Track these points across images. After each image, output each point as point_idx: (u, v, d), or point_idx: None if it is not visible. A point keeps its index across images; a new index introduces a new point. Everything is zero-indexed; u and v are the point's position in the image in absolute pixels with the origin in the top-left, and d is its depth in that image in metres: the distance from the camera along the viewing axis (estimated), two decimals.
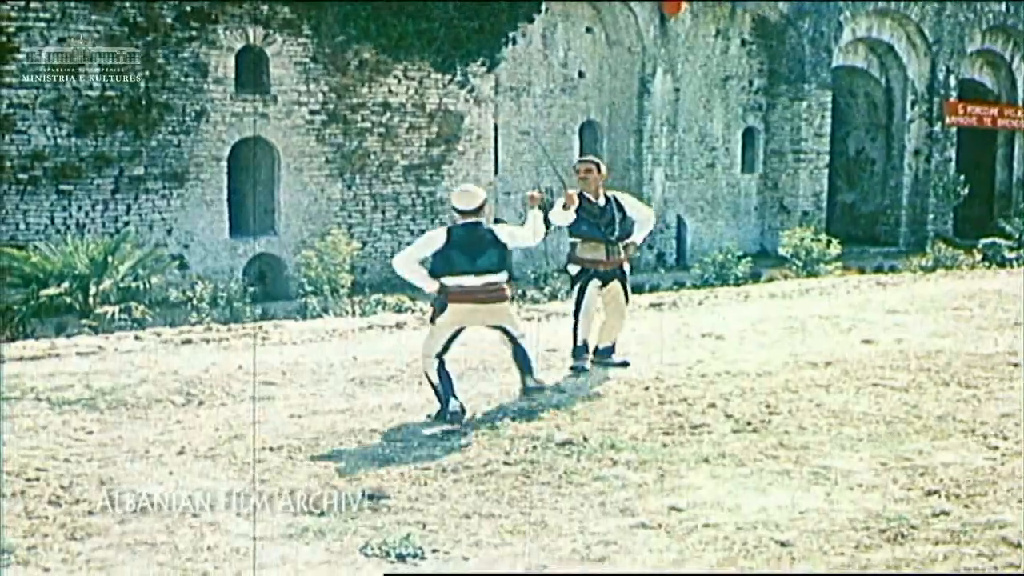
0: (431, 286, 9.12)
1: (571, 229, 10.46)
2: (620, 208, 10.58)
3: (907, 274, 21.46)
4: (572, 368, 10.60)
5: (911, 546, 6.10)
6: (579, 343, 10.70)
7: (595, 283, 10.58)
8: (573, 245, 10.63)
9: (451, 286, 9.00)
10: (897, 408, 9.10)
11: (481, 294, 9.05)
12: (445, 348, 9.05)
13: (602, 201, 10.56)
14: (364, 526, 6.42)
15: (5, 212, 20.25)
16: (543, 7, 26.54)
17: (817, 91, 31.33)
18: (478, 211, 9.19)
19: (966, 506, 6.75)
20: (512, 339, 9.34)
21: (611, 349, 10.88)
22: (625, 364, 10.77)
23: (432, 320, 9.18)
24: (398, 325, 13.73)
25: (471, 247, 9.04)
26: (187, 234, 22.04)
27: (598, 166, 10.76)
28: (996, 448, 7.97)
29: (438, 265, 9.05)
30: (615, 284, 10.64)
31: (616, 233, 10.47)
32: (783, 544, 6.11)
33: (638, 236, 10.70)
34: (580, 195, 10.28)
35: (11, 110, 20.17)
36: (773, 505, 6.75)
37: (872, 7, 32.31)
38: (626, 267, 10.73)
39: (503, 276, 9.17)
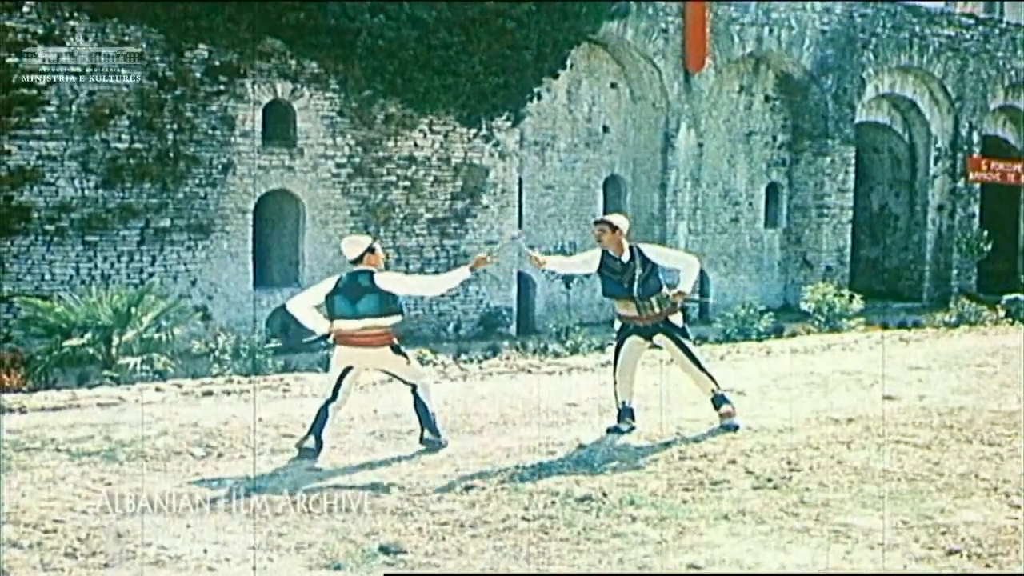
0: (322, 328, 9.77)
1: (603, 288, 10.52)
2: (645, 262, 10.21)
3: (930, 330, 21.36)
4: (608, 430, 10.26)
5: None
6: (619, 404, 10.41)
7: (634, 339, 10.37)
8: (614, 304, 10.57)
9: (335, 328, 9.64)
10: (919, 465, 9.03)
11: (358, 337, 9.57)
12: (335, 390, 9.62)
13: (626, 257, 10.23)
14: None
15: (31, 262, 20.39)
16: (568, 63, 26.69)
17: (840, 147, 31.38)
18: (359, 260, 9.75)
19: (988, 566, 6.68)
20: (412, 388, 9.77)
21: (723, 398, 10.54)
22: (734, 428, 10.34)
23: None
24: None
25: (352, 293, 9.61)
26: (211, 286, 22.13)
27: (611, 225, 10.33)
28: (1019, 507, 7.89)
29: (327, 309, 9.74)
30: (666, 340, 10.38)
31: (640, 289, 10.15)
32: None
33: (685, 284, 10.31)
34: (604, 253, 10.22)
35: (40, 162, 20.35)
36: (793, 563, 6.69)
37: (895, 64, 32.37)
38: (676, 319, 10.39)
39: (385, 321, 9.59)
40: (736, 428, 10.29)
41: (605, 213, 28.39)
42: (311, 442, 9.37)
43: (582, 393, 11.85)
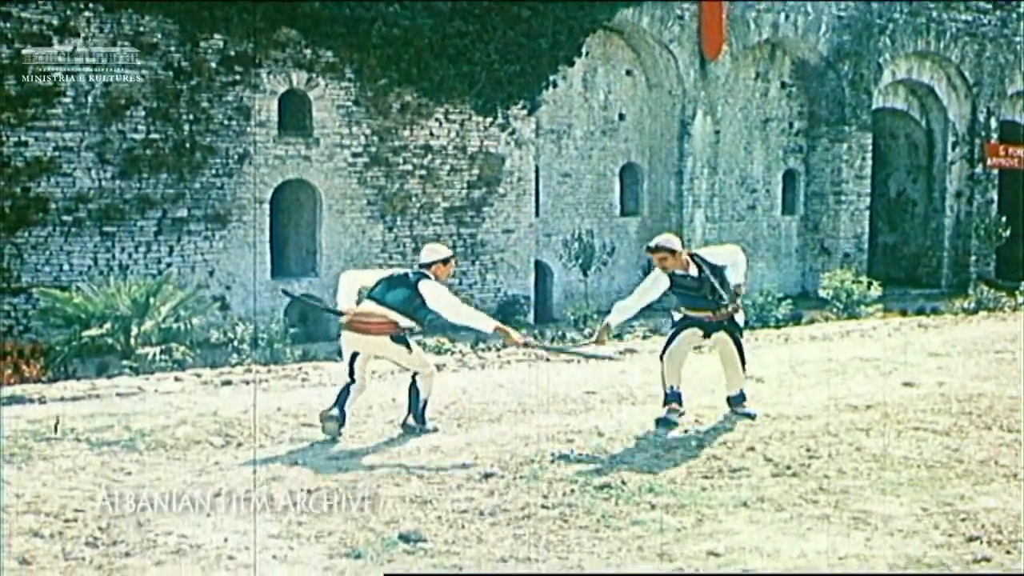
0: (343, 306, 9.92)
1: (679, 302, 10.35)
2: (714, 270, 10.08)
3: (949, 316, 21.30)
4: (657, 421, 10.03)
5: None
6: (666, 389, 10.23)
7: (694, 331, 10.24)
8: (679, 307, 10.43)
9: (353, 311, 9.80)
10: (938, 452, 9.02)
11: (360, 323, 9.70)
12: (351, 374, 9.81)
13: (694, 271, 10.04)
14: (400, 569, 6.40)
15: (49, 253, 20.46)
16: (583, 50, 26.66)
17: (857, 133, 31.27)
18: (428, 266, 9.94)
19: (1008, 552, 6.67)
20: (412, 374, 9.93)
21: (740, 397, 10.57)
22: (751, 416, 10.38)
23: None
24: (437, 367, 13.72)
25: (396, 283, 9.84)
26: (229, 275, 22.18)
27: (671, 251, 9.99)
28: None
29: (368, 291, 9.97)
30: (721, 334, 10.29)
31: (722, 297, 10.09)
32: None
33: (738, 277, 10.21)
34: (672, 273, 10.02)
35: (57, 153, 20.40)
36: (812, 550, 6.69)
37: (912, 49, 32.24)
38: (739, 317, 10.38)
39: (398, 318, 9.66)
40: (754, 416, 10.33)
41: (622, 201, 28.45)
42: (335, 412, 9.60)
43: (600, 381, 11.84)
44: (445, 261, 10.04)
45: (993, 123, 34.21)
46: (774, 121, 31.20)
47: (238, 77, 22.02)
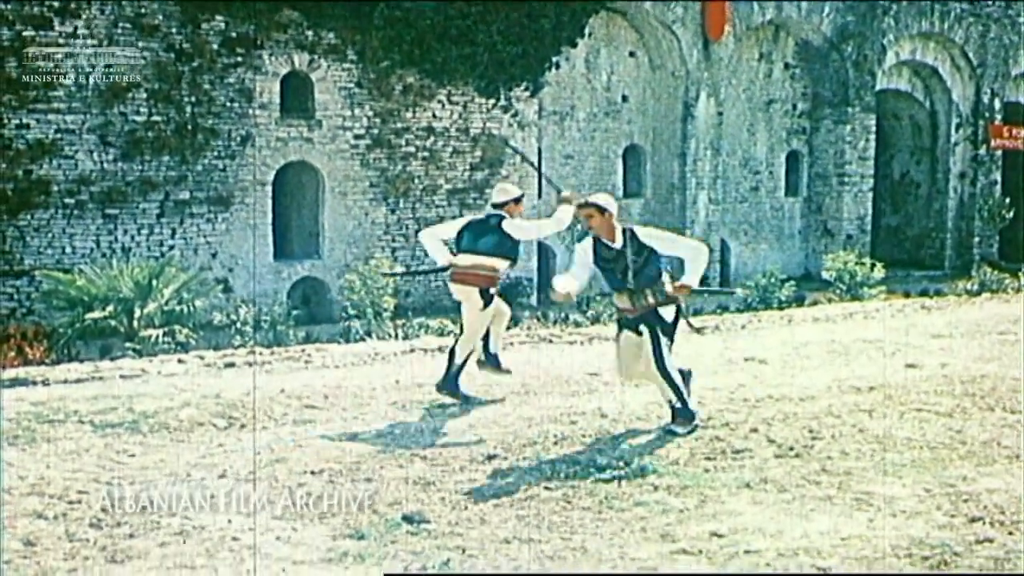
0: (442, 260, 10.27)
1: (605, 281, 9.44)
2: (640, 248, 9.04)
3: (952, 298, 21.28)
4: (665, 430, 9.15)
5: (955, 573, 6.03)
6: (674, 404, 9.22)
7: (626, 335, 9.18)
8: None
9: (453, 262, 10.14)
10: (941, 434, 9.02)
11: (460, 273, 10.07)
12: (462, 326, 10.25)
13: (618, 243, 9.07)
14: (404, 550, 6.41)
15: (52, 236, 20.46)
16: (586, 31, 26.60)
17: (861, 114, 31.22)
18: (502, 206, 10.20)
19: (1010, 533, 6.67)
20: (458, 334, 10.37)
21: (684, 411, 9.19)
22: (671, 432, 9.11)
23: None
24: (441, 349, 13.71)
25: (479, 230, 10.15)
26: (231, 258, 22.18)
27: (599, 207, 9.09)
28: None
29: (455, 244, 10.29)
30: (646, 333, 9.06)
31: (634, 280, 8.99)
32: (825, 571, 6.06)
33: (691, 276, 9.03)
34: (595, 239, 9.11)
35: (58, 135, 20.39)
36: (815, 531, 6.69)
37: (916, 30, 32.16)
38: (666, 312, 9.08)
39: (497, 262, 10.00)
40: (675, 434, 9.00)
41: (625, 183, 28.39)
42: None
43: (603, 363, 11.83)
44: (517, 200, 10.35)
45: (997, 104, 34.14)
46: (777, 102, 31.14)
47: (240, 59, 21.99)
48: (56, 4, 20.22)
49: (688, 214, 28.33)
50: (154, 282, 17.80)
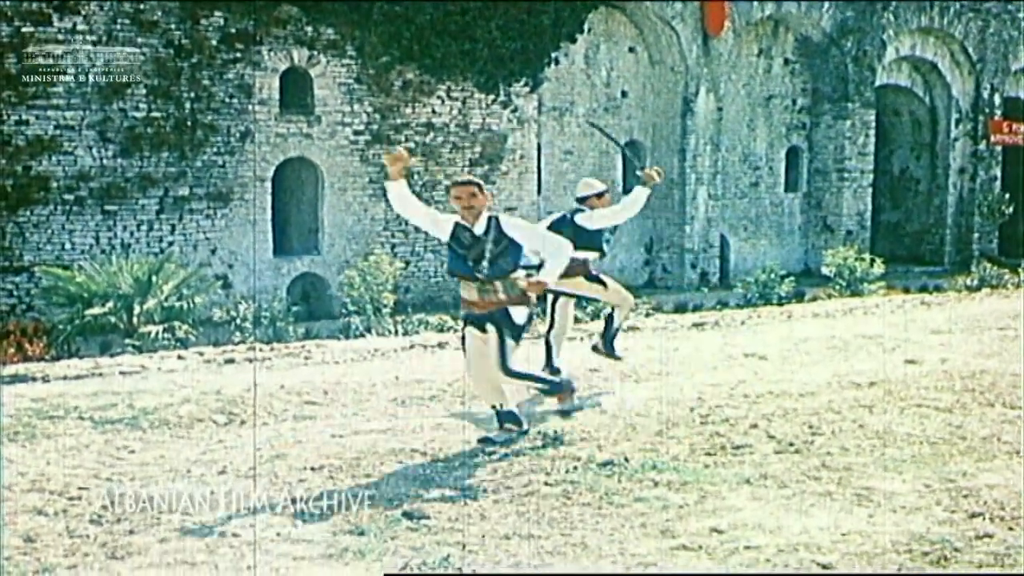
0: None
1: (448, 263, 8.91)
2: (501, 237, 8.50)
3: (952, 293, 21.30)
4: (479, 440, 8.67)
5: (954, 569, 6.03)
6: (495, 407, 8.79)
7: (471, 331, 8.64)
8: None
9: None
10: (941, 429, 9.02)
11: None
12: (551, 318, 10.59)
13: (480, 228, 8.51)
14: (404, 546, 6.41)
15: (51, 232, 20.46)
16: (586, 27, 26.60)
17: (861, 110, 31.22)
18: (584, 200, 10.74)
19: (1010, 528, 6.67)
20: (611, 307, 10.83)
21: (510, 415, 8.85)
22: (487, 441, 8.64)
23: None
24: (440, 345, 13.74)
25: (559, 227, 10.26)
26: (231, 254, 22.18)
27: (480, 187, 8.67)
28: None
29: None
30: (491, 333, 8.51)
31: (488, 269, 8.42)
32: (825, 566, 6.06)
33: (547, 274, 8.50)
34: (457, 223, 8.61)
35: (58, 131, 20.38)
36: (815, 527, 6.69)
37: (915, 25, 32.15)
38: (517, 312, 8.55)
39: (579, 254, 9.98)
40: (493, 443, 8.58)
41: (624, 179, 28.38)
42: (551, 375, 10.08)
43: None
44: (599, 195, 10.77)
45: (997, 100, 34.15)
46: (777, 98, 31.14)
47: (239, 55, 21.98)
48: (55, 0, 20.20)
49: (688, 210, 28.35)
50: (154, 278, 17.79)
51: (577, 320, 17.96)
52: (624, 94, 28.57)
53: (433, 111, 24.40)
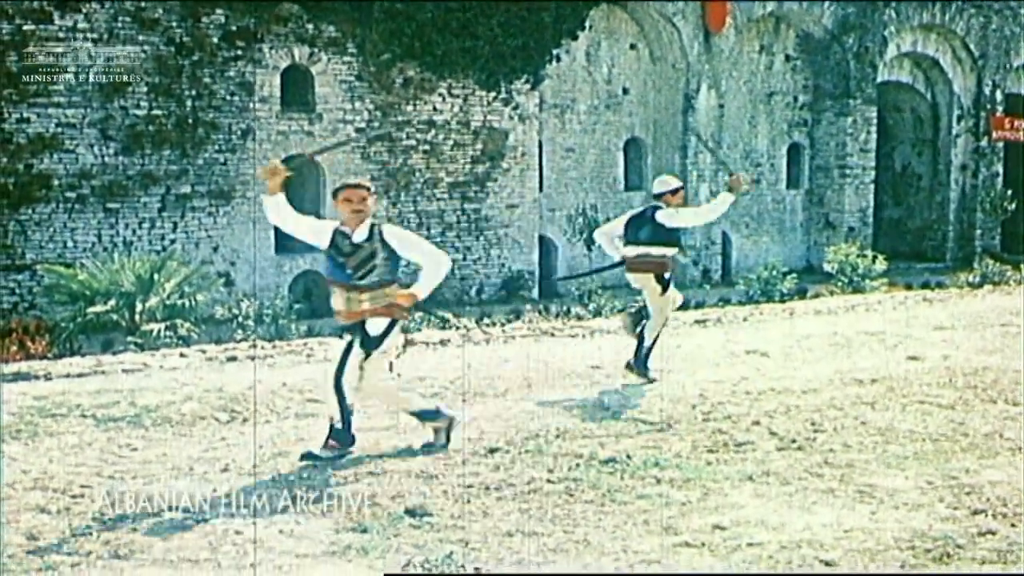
0: (617, 255, 11.20)
1: (324, 269, 8.49)
2: (383, 246, 8.10)
3: (954, 290, 21.29)
4: (302, 456, 8.17)
5: (957, 566, 6.03)
6: (335, 424, 8.23)
7: (337, 342, 8.42)
8: None
9: (625, 254, 11.03)
10: (943, 426, 9.02)
11: (632, 262, 10.96)
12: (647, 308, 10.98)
13: (360, 236, 8.10)
14: (407, 543, 6.41)
15: (53, 230, 20.46)
16: (587, 24, 26.58)
17: (862, 106, 31.19)
18: (660, 196, 11.13)
19: (1013, 525, 6.67)
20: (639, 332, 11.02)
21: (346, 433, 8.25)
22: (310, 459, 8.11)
23: None
24: (442, 342, 13.74)
25: (639, 223, 11.00)
26: (233, 251, 22.17)
27: (370, 191, 8.29)
28: None
29: (625, 237, 11.16)
30: (350, 341, 8.21)
31: (366, 278, 8.06)
32: (827, 563, 6.06)
33: (421, 287, 8.13)
34: (336, 229, 8.19)
35: (59, 129, 20.38)
36: (818, 524, 6.69)
37: (917, 21, 32.12)
38: (374, 324, 8.12)
39: (657, 251, 10.85)
40: (318, 458, 8.08)
41: (626, 176, 28.39)
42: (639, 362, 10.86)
43: (605, 356, 11.84)
44: (674, 192, 11.19)
45: (998, 96, 34.11)
46: (778, 95, 31.12)
47: (240, 52, 21.97)
48: None
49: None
50: (156, 276, 17.78)
51: (579, 318, 17.98)
52: (625, 91, 28.55)
53: (434, 108, 24.39)
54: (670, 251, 10.95)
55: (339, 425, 8.17)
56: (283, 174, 8.23)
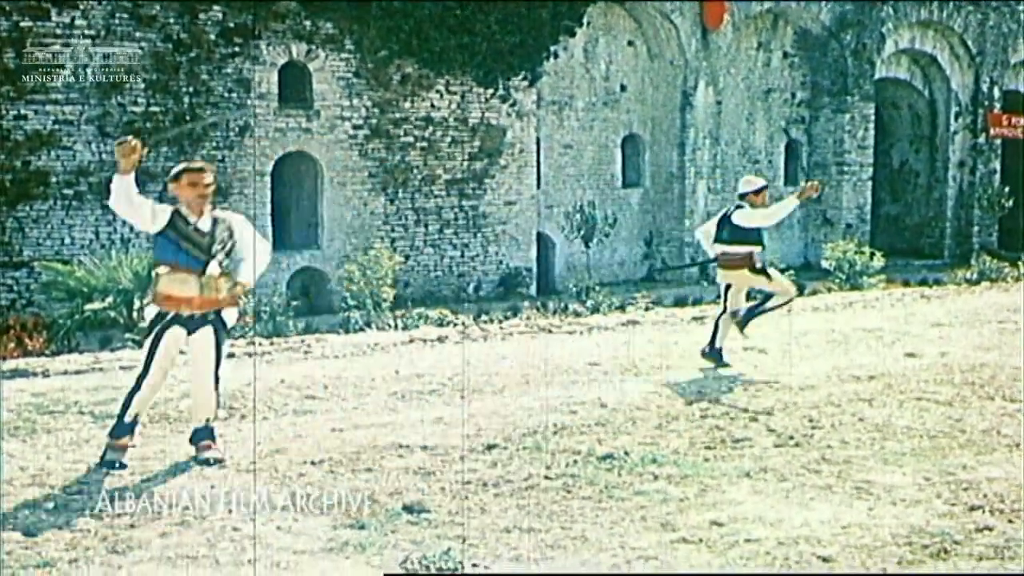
0: (711, 252, 11.92)
1: (158, 254, 8.21)
2: (229, 233, 8.13)
3: (951, 287, 21.30)
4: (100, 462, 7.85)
5: (954, 562, 6.04)
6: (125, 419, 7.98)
7: (177, 333, 8.01)
8: (156, 277, 8.21)
9: (716, 251, 11.74)
10: (941, 422, 9.03)
11: (721, 259, 11.68)
12: (724, 303, 11.72)
13: (205, 224, 8.08)
14: (404, 540, 6.42)
15: (51, 227, 20.44)
16: (585, 20, 26.56)
17: (860, 103, 31.17)
18: (743, 196, 11.68)
19: (1010, 521, 6.68)
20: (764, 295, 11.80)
21: (206, 433, 8.10)
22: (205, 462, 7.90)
23: None
24: (440, 339, 13.74)
25: (723, 222, 11.66)
26: None
27: (215, 175, 8.31)
28: None
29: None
30: (207, 337, 8.01)
31: (220, 264, 7.98)
32: (825, 559, 6.07)
33: (247, 274, 8.04)
34: (175, 212, 8.15)
35: (56, 126, 20.36)
36: (815, 520, 6.70)
37: (915, 18, 32.12)
38: (230, 314, 8.05)
39: (738, 249, 11.47)
40: (211, 463, 7.88)
41: (624, 173, 28.39)
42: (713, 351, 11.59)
43: (603, 353, 11.85)
44: (757, 192, 11.68)
45: (996, 93, 34.10)
46: (776, 91, 31.10)
47: (237, 49, 21.94)
48: None
49: (687, 204, 28.31)
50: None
51: (577, 315, 17.98)
52: (623, 88, 28.52)
53: (432, 105, 24.36)
54: (754, 248, 11.53)
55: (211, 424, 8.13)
56: (139, 153, 7.89)
